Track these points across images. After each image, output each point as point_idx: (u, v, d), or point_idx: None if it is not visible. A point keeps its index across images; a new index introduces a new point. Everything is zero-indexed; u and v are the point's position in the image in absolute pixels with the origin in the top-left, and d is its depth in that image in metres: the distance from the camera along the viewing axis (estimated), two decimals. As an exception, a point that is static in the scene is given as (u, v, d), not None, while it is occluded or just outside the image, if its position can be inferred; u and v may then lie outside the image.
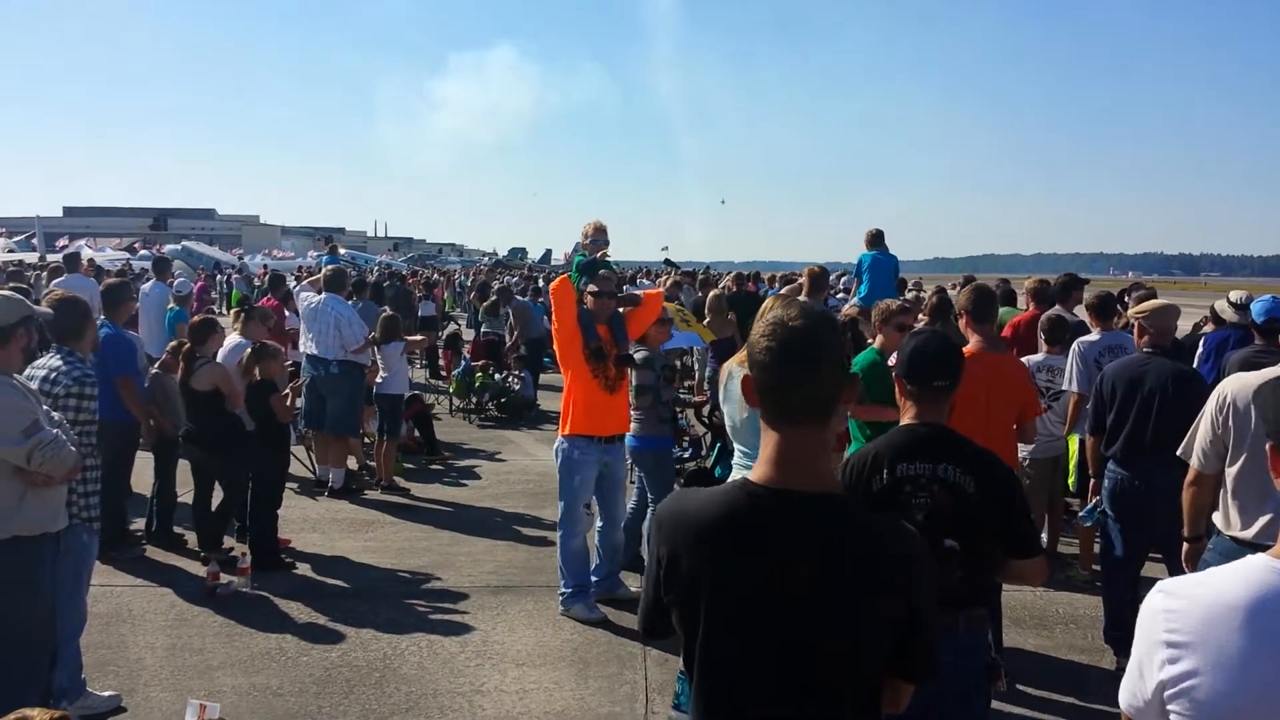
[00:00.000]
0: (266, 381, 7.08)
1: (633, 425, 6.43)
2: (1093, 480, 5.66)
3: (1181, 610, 1.46)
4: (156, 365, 7.59)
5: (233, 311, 10.25)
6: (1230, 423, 3.90)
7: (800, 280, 9.36)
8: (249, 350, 7.30)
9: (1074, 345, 6.57)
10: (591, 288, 5.93)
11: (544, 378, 15.19)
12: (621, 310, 6.13)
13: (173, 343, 7.15)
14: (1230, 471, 3.92)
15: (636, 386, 6.38)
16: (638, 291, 7.39)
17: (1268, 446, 1.62)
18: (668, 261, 18.59)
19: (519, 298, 17.05)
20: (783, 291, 9.08)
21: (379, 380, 9.33)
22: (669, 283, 14.66)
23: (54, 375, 4.60)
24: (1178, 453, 4.20)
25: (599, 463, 6.04)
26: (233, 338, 8.00)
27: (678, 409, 8.02)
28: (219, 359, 7.35)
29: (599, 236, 6.12)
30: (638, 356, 6.29)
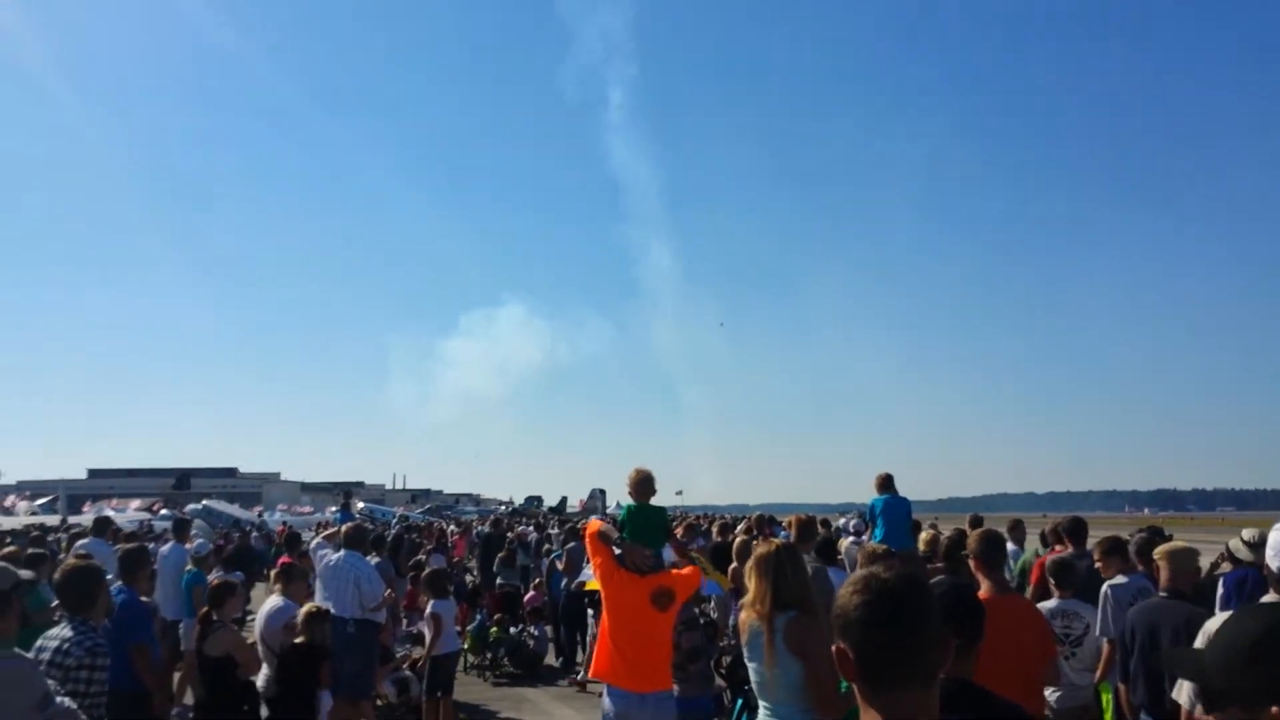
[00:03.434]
0: (318, 645, 7.00)
1: (677, 686, 5.89)
2: (1131, 732, 5.44)
3: None
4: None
5: (273, 572, 10.16)
6: None
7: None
8: (302, 615, 7.23)
9: (1104, 588, 6.42)
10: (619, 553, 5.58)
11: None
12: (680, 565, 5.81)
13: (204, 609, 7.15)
14: None
15: (687, 650, 6.14)
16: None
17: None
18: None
19: (581, 544, 15.79)
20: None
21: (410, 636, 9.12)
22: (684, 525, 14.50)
23: (66, 646, 4.58)
24: (1173, 694, 4.16)
25: None
26: (273, 599, 7.97)
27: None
28: (260, 622, 7.27)
29: (642, 486, 5.91)
30: (684, 618, 6.07)
